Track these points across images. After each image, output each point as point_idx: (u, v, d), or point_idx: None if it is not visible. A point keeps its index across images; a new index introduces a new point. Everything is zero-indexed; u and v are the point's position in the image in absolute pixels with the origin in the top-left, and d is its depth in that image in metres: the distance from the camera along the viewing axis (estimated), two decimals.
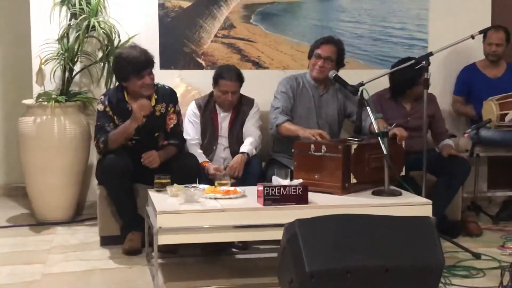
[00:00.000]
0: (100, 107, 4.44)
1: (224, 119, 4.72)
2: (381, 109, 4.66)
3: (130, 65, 4.34)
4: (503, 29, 5.44)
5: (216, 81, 4.65)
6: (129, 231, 4.34)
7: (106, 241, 4.47)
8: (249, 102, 4.76)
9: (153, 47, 4.81)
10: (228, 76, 4.61)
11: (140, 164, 4.32)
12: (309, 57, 4.72)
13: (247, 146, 4.58)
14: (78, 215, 5.21)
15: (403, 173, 4.25)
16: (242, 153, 4.54)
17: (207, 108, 4.72)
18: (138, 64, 4.33)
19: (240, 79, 4.65)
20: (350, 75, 4.79)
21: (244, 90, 4.75)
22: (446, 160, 4.70)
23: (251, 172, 4.47)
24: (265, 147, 4.78)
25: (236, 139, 4.69)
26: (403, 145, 4.27)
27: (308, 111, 4.68)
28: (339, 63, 4.71)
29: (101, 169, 4.38)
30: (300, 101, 4.68)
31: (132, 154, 4.33)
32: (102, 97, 4.49)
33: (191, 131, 4.68)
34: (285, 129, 4.55)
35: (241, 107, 4.73)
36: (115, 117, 4.42)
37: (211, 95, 4.75)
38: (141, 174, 4.32)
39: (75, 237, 4.73)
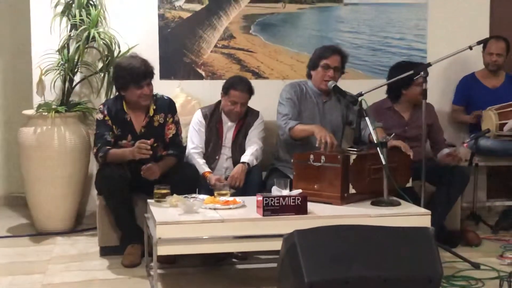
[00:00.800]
0: (100, 116, 4.46)
1: (229, 130, 4.73)
2: (379, 119, 4.67)
3: (129, 75, 4.35)
4: (504, 39, 5.46)
5: (227, 90, 4.65)
6: (128, 243, 4.33)
7: (106, 251, 4.47)
8: (255, 114, 4.77)
9: (153, 58, 4.83)
10: (239, 87, 4.62)
11: (139, 174, 4.32)
12: (314, 67, 4.65)
13: (248, 156, 4.59)
14: (78, 225, 5.22)
15: (409, 184, 4.23)
16: (243, 163, 4.55)
17: (212, 117, 4.73)
18: (137, 74, 4.35)
19: (250, 92, 4.67)
20: (349, 85, 4.80)
21: None
22: (445, 169, 4.70)
23: (252, 182, 4.48)
24: (267, 157, 4.78)
25: (239, 150, 4.69)
26: (411, 156, 4.24)
27: (312, 118, 4.63)
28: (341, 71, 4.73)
29: (99, 179, 4.39)
30: (305, 108, 4.64)
31: (131, 164, 4.34)
32: (101, 106, 4.50)
33: (196, 139, 4.69)
34: (299, 130, 4.47)
35: (246, 118, 4.74)
36: (114, 127, 4.44)
37: (217, 104, 4.76)
38: (140, 184, 4.33)
39: (75, 247, 4.73)
